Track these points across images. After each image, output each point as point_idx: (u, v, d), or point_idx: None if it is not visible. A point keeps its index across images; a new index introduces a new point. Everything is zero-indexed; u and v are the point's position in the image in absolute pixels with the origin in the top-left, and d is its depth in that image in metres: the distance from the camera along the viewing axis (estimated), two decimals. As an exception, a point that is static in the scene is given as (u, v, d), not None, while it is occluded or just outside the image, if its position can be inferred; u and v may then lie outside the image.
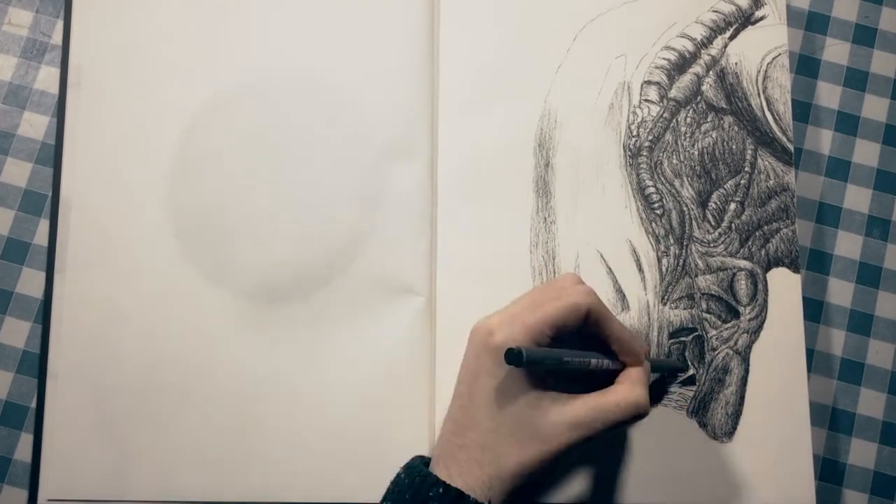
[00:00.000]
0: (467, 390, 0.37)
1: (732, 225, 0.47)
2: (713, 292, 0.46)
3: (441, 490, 0.35)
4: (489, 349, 0.36)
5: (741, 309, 0.46)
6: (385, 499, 0.37)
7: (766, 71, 0.49)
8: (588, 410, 0.36)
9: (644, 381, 0.39)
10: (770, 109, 0.48)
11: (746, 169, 0.48)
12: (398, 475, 0.38)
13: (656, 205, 0.47)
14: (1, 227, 0.48)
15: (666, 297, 0.46)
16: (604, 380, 0.39)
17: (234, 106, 0.47)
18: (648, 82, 0.48)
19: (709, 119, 0.48)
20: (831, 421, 0.48)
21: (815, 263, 0.50)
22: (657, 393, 0.45)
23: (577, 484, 0.44)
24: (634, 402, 0.37)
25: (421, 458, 0.39)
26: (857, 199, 0.50)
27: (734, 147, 0.48)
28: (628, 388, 0.38)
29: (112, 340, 0.45)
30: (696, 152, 0.48)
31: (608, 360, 0.39)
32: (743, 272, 0.47)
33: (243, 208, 0.46)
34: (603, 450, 0.44)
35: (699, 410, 0.45)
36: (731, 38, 0.49)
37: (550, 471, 0.37)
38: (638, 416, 0.37)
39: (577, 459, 0.44)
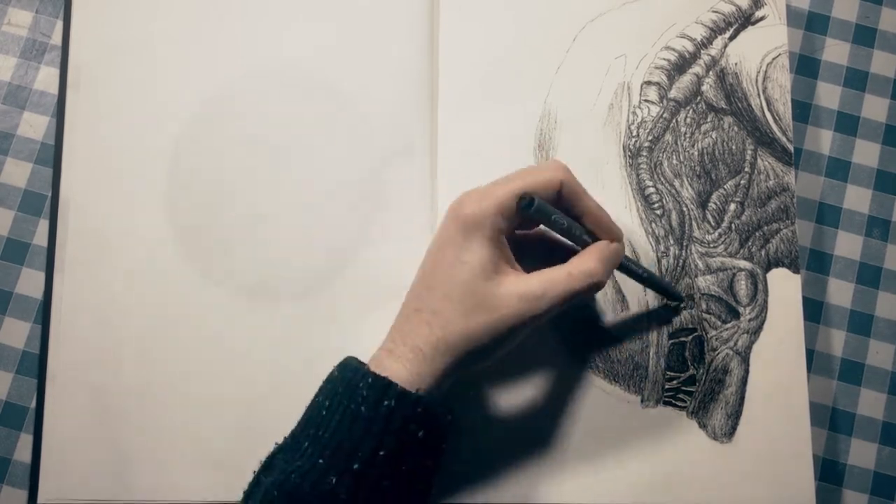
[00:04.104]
0: (431, 259, 0.38)
1: (732, 225, 0.47)
2: (713, 293, 0.46)
3: (370, 380, 0.36)
4: (457, 219, 0.37)
5: (741, 309, 0.46)
6: (318, 395, 0.38)
7: (765, 71, 0.49)
8: (539, 282, 0.37)
9: (605, 256, 0.39)
10: (770, 110, 0.48)
11: (746, 169, 0.48)
12: (331, 373, 0.38)
13: (656, 205, 0.47)
14: (1, 228, 0.48)
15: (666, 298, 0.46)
16: None
17: (234, 105, 0.47)
18: (648, 83, 0.48)
19: (709, 119, 0.48)
20: (831, 421, 0.48)
21: (815, 264, 0.50)
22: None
23: (577, 484, 0.44)
24: (588, 270, 0.38)
25: (354, 358, 0.39)
26: (857, 199, 0.50)
27: (734, 147, 0.48)
28: (583, 259, 0.38)
29: (111, 341, 0.45)
30: (696, 153, 0.48)
31: (589, 235, 0.40)
32: (743, 272, 0.47)
33: (243, 208, 0.46)
34: (602, 450, 0.44)
35: (699, 411, 0.45)
36: (731, 38, 0.49)
37: (497, 345, 0.37)
38: (592, 286, 0.38)
39: (576, 455, 0.44)
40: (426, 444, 0.36)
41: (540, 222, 0.40)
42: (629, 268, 0.43)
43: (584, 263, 0.38)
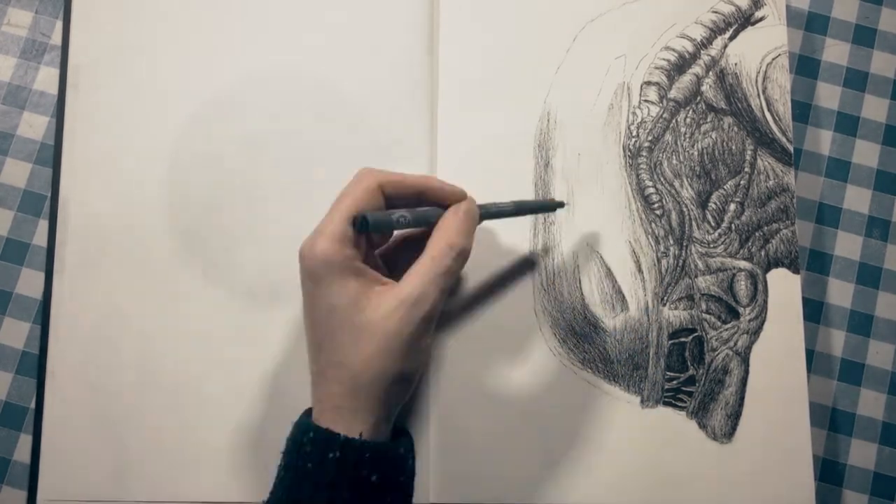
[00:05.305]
0: (307, 319, 0.37)
1: (732, 225, 0.47)
2: (713, 293, 0.46)
3: (312, 434, 0.35)
4: (305, 271, 0.36)
5: (741, 310, 0.46)
6: (283, 456, 0.37)
7: (765, 71, 0.49)
8: (411, 283, 0.36)
9: (459, 221, 0.38)
10: (770, 110, 0.48)
11: (746, 169, 0.48)
12: (291, 430, 0.38)
13: (656, 205, 0.47)
14: (0, 228, 0.48)
15: (665, 298, 0.46)
16: None
17: (234, 106, 0.47)
18: (648, 83, 0.48)
19: (708, 119, 0.48)
20: (831, 421, 0.48)
21: (815, 264, 0.50)
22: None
23: (576, 484, 0.44)
24: (446, 246, 0.37)
25: (306, 413, 0.38)
26: (857, 199, 0.50)
27: (734, 147, 0.48)
28: (439, 236, 0.37)
29: (111, 341, 0.45)
30: (696, 153, 0.48)
31: (443, 208, 0.39)
32: (743, 273, 0.47)
33: (243, 208, 0.46)
34: (603, 450, 0.44)
35: (699, 411, 0.45)
36: (731, 38, 0.49)
37: (409, 362, 0.36)
38: (458, 257, 0.37)
39: (574, 458, 0.44)
40: (383, 485, 0.36)
41: (386, 231, 0.38)
42: (494, 212, 0.41)
43: (441, 240, 0.37)
